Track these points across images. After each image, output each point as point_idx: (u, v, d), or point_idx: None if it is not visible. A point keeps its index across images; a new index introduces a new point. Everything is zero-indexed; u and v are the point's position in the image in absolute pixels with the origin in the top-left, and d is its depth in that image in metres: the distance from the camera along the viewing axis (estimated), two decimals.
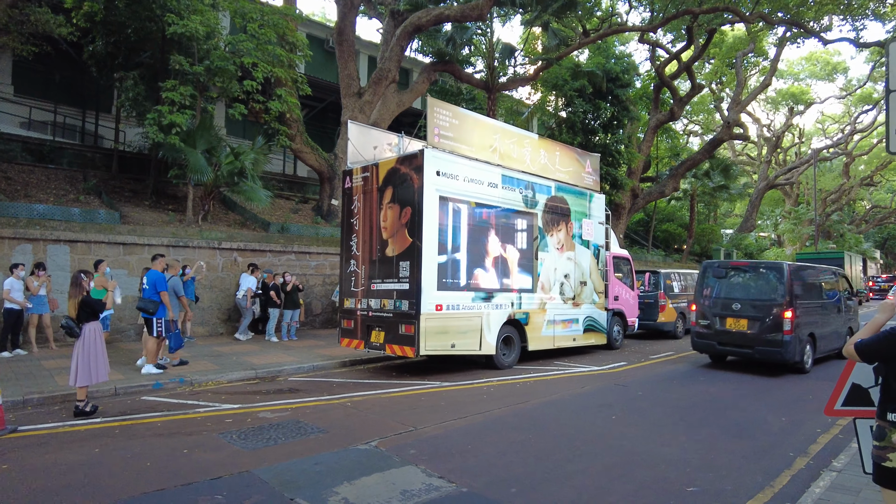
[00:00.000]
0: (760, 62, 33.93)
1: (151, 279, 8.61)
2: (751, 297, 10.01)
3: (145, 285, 8.67)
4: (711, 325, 10.22)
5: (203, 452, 5.22)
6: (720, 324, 10.09)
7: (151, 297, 8.54)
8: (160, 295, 8.58)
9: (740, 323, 9.84)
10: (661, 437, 5.83)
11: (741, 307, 9.90)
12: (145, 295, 8.60)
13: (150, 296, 8.56)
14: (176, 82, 13.06)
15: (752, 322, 9.67)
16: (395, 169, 9.02)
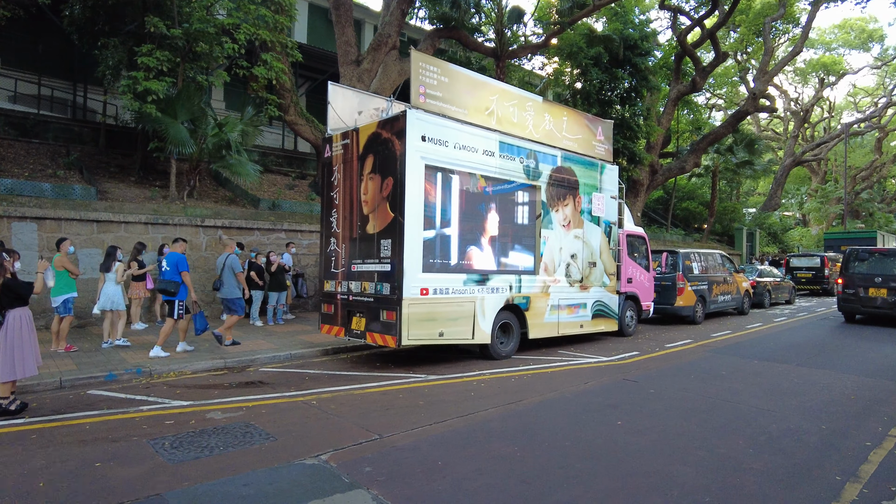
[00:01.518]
0: (791, 29, 31.86)
1: (172, 260, 8.51)
2: (887, 272, 13.90)
3: (166, 266, 8.55)
4: (856, 294, 14.21)
5: (118, 466, 4.35)
6: (864, 293, 14.06)
7: (172, 278, 8.45)
8: (182, 276, 8.49)
9: (880, 291, 13.85)
10: (675, 451, 4.81)
11: (881, 280, 13.83)
12: (165, 276, 8.49)
13: (171, 277, 8.46)
14: (152, 46, 12.07)
15: (891, 291, 13.68)
16: (376, 134, 7.97)
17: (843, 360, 9.31)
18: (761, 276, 18.59)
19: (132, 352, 8.52)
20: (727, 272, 15.56)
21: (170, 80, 12.41)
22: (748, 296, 16.57)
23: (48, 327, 9.60)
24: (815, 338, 11.86)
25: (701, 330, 12.82)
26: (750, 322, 14.48)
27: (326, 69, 21.56)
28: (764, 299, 18.23)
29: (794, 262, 24.78)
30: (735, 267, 16.25)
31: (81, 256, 10.95)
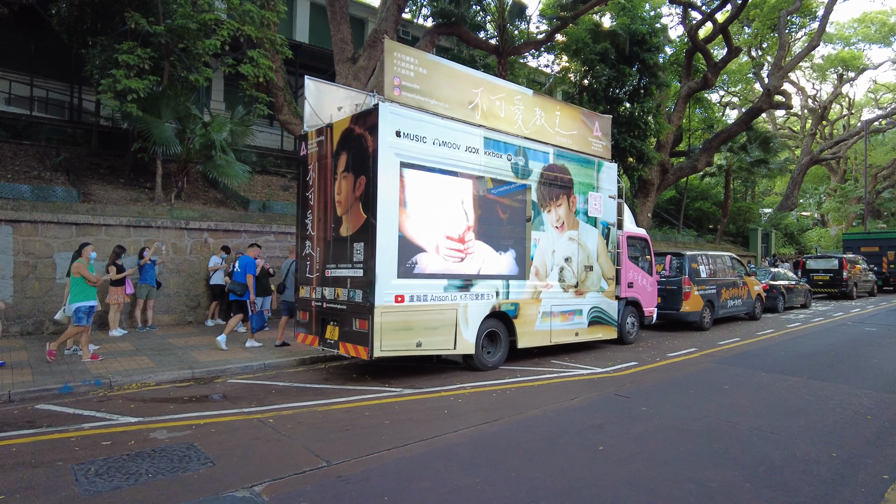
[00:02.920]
0: (807, 23, 30.83)
1: (243, 263, 9.38)
2: None
3: (237, 268, 9.43)
4: None
5: (23, 499, 3.87)
6: None
7: (241, 279, 9.30)
8: (246, 278, 9.30)
9: None
10: (659, 485, 4.22)
11: None
12: (236, 278, 9.39)
13: (240, 279, 9.32)
14: (133, 44, 11.70)
15: None
16: (349, 130, 7.46)
17: (860, 372, 8.60)
18: (774, 278, 17.77)
19: (98, 360, 8.08)
20: (737, 275, 14.82)
21: (154, 79, 12.02)
22: (760, 300, 15.80)
23: None
24: (830, 346, 11.11)
25: (708, 337, 12.12)
26: (761, 328, 13.73)
27: (328, 68, 21.10)
28: (777, 303, 17.42)
29: (811, 263, 23.82)
30: (746, 269, 15.49)
31: (59, 260, 10.59)
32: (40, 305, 10.44)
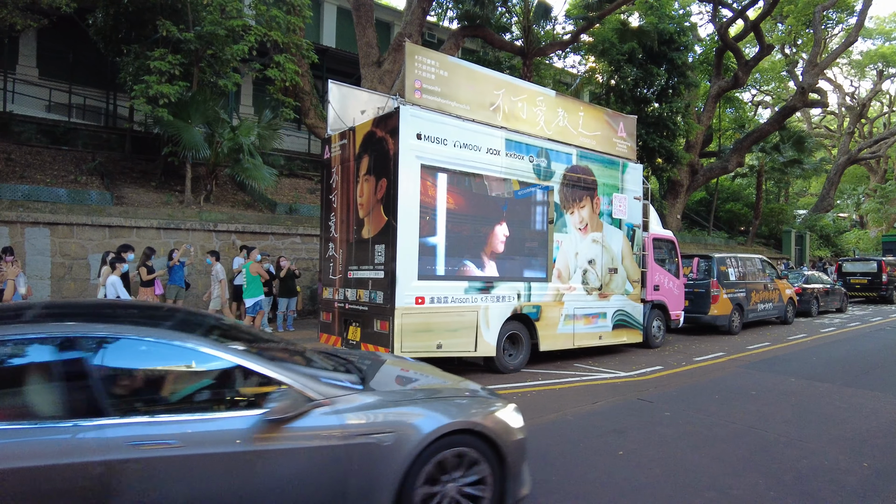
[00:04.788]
0: (844, 18, 29.89)
1: None
2: None
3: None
4: None
5: None
6: None
7: None
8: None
9: None
10: (678, 492, 4.14)
11: None
12: None
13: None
14: (165, 51, 12.03)
15: None
16: (371, 133, 7.53)
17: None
18: (808, 282, 17.26)
19: None
20: (768, 278, 14.44)
21: (184, 84, 12.33)
22: (792, 304, 15.35)
23: None
24: (865, 352, 10.74)
25: (736, 341, 11.83)
26: (793, 333, 13.34)
27: (354, 72, 21.35)
28: (811, 307, 16.90)
29: (848, 266, 23.05)
30: (777, 272, 15.09)
31: (93, 262, 10.94)
32: None
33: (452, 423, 3.17)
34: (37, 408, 2.54)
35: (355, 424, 2.94)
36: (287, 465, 2.76)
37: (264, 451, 2.72)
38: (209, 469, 2.62)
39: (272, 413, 2.73)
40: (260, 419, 2.73)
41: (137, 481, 2.47)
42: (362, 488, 2.90)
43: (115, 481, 2.42)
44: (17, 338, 2.64)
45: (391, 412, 3.10)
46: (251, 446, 2.69)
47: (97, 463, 2.40)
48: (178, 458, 2.54)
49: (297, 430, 2.79)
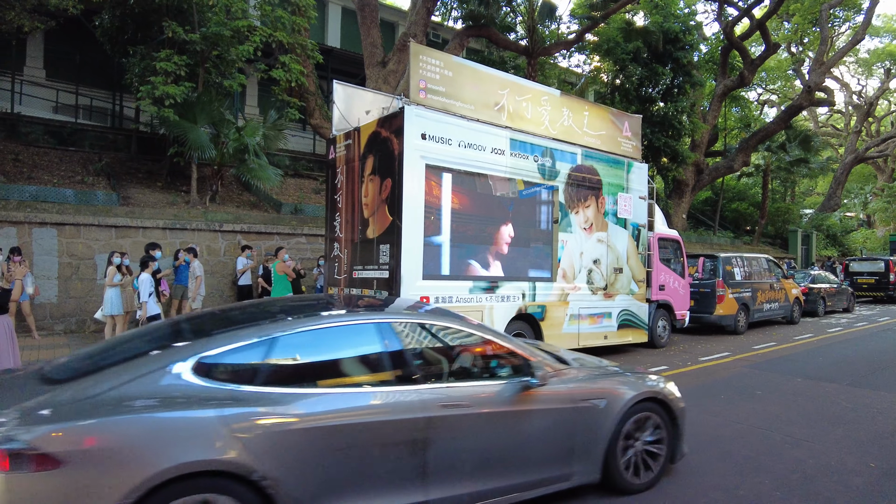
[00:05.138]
0: (851, 17, 29.70)
1: None
2: None
3: None
4: None
5: None
6: None
7: None
8: None
9: None
10: (684, 492, 4.13)
11: None
12: None
13: None
14: (170, 52, 12.08)
15: None
16: (375, 133, 7.55)
17: None
18: (814, 281, 17.17)
19: None
20: (774, 278, 14.38)
21: (189, 85, 12.38)
22: (798, 303, 15.29)
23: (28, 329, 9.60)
24: (873, 352, 10.68)
25: (742, 341, 11.79)
26: (799, 333, 13.28)
27: (359, 72, 21.38)
28: (817, 307, 16.82)
29: (855, 266, 22.93)
30: (783, 272, 15.02)
31: (99, 262, 11.00)
32: (82, 305, 10.86)
33: (646, 391, 4.10)
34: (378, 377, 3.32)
35: (579, 391, 3.84)
36: (538, 420, 3.61)
37: (523, 411, 3.56)
38: (487, 423, 3.40)
39: (535, 381, 3.60)
40: (521, 386, 3.57)
41: (445, 431, 3.24)
42: (585, 441, 3.78)
43: (431, 432, 3.18)
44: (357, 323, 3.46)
45: (600, 383, 4.03)
46: (515, 406, 3.52)
47: (421, 419, 3.17)
48: (469, 415, 3.33)
49: (545, 394, 3.65)
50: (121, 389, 2.71)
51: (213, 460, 2.65)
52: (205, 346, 2.99)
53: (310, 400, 2.98)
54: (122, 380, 2.76)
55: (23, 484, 2.38)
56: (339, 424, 2.98)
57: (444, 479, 3.23)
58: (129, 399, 2.68)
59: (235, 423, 2.74)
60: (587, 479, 3.81)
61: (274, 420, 2.83)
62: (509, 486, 3.46)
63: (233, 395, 2.84)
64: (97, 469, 2.49)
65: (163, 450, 2.59)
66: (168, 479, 2.56)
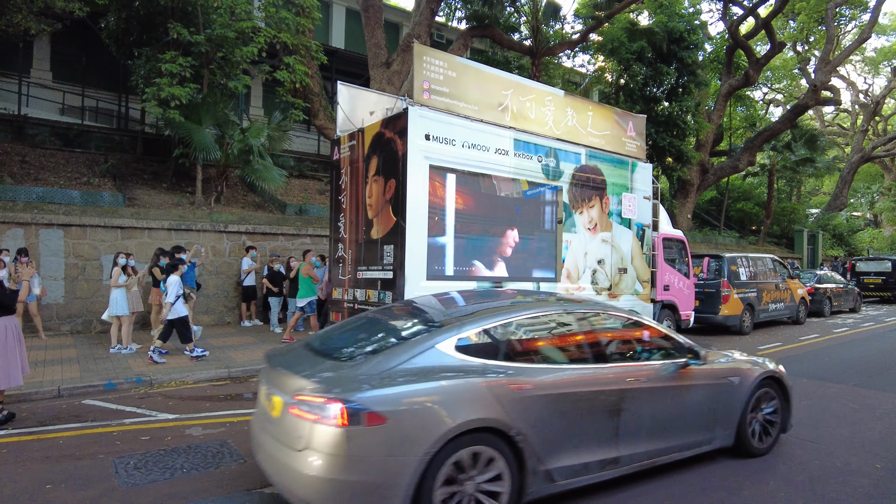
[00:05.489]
0: (858, 15, 29.54)
1: None
2: None
3: None
4: None
5: (67, 489, 4.07)
6: None
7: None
8: None
9: None
10: (689, 493, 4.12)
11: None
12: None
13: None
14: (175, 53, 12.14)
15: None
16: (379, 134, 7.56)
17: None
18: (820, 281, 17.09)
19: (140, 359, 8.41)
20: (779, 278, 14.32)
21: (194, 87, 12.43)
22: (804, 303, 15.21)
23: (35, 329, 9.65)
24: (880, 352, 10.62)
25: (747, 342, 11.74)
26: (805, 333, 13.21)
27: (363, 73, 21.44)
28: (823, 307, 16.73)
29: (861, 266, 22.79)
30: (789, 272, 14.95)
31: (105, 263, 11.06)
32: (88, 305, 10.92)
33: (768, 371, 4.97)
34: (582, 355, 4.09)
35: (721, 370, 4.68)
36: (694, 393, 4.42)
37: (684, 385, 4.35)
38: (658, 395, 4.18)
39: (699, 361, 4.43)
40: (683, 364, 4.36)
41: (631, 401, 4.00)
42: (724, 411, 4.62)
43: (622, 401, 3.95)
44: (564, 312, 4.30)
45: (732, 363, 4.83)
46: (678, 382, 4.31)
47: (615, 390, 3.93)
48: (648, 388, 4.11)
49: (699, 372, 4.46)
50: (408, 364, 3.38)
51: (487, 418, 3.33)
52: (460, 329, 3.67)
53: (540, 373, 3.70)
54: (406, 356, 3.43)
55: (358, 435, 3.07)
56: (562, 393, 3.69)
57: (630, 439, 3.97)
58: (418, 371, 3.35)
59: (496, 390, 3.42)
60: (724, 443, 4.65)
61: (519, 387, 3.52)
62: (673, 446, 4.26)
63: (485, 368, 3.52)
64: (410, 424, 3.17)
65: (452, 410, 3.26)
66: (458, 433, 3.23)
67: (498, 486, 3.40)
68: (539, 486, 3.55)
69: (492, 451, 3.37)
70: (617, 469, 3.94)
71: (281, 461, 3.28)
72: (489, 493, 3.37)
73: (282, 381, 3.51)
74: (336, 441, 3.05)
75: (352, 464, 3.06)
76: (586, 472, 3.77)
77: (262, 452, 3.57)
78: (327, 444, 3.06)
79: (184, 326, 8.47)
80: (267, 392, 3.64)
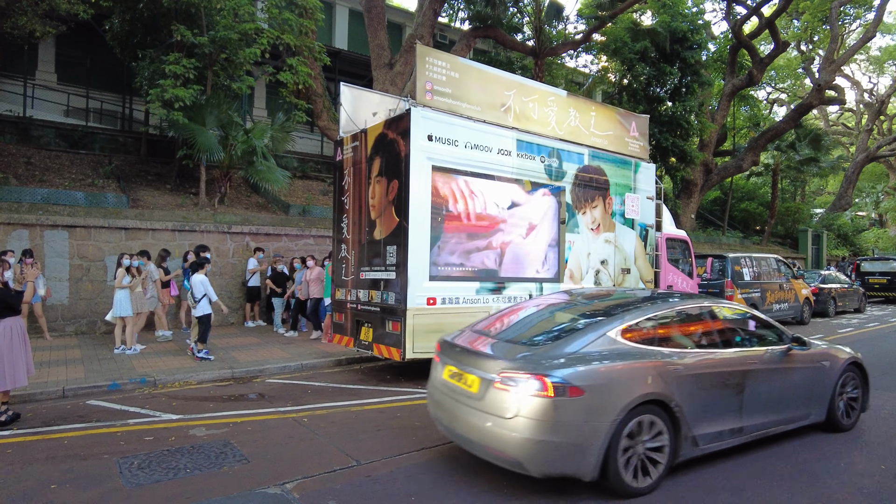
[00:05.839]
0: (862, 14, 29.41)
1: None
2: None
3: None
4: None
5: (72, 489, 4.09)
6: None
7: None
8: None
9: None
10: (693, 493, 4.11)
11: None
12: None
13: None
14: (179, 55, 12.18)
15: None
16: (382, 135, 7.58)
17: None
18: (824, 281, 17.02)
19: (144, 360, 8.45)
20: (783, 278, 14.27)
21: (198, 88, 12.47)
22: (809, 304, 15.15)
23: (43, 330, 9.70)
24: (884, 353, 10.58)
25: None
26: (809, 333, 13.06)
27: (366, 74, 21.47)
28: (828, 308, 16.66)
29: (866, 266, 22.69)
30: (793, 272, 14.90)
31: (109, 264, 11.10)
32: (93, 306, 10.96)
33: (852, 356, 5.73)
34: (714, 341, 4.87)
35: (817, 354, 5.41)
36: (796, 375, 5.14)
37: (790, 367, 5.09)
38: (771, 375, 4.92)
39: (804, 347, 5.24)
40: (789, 349, 5.12)
41: (751, 379, 4.73)
42: (818, 391, 5.35)
43: (745, 379, 4.70)
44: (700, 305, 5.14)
45: (825, 349, 5.59)
46: (786, 364, 5.06)
47: (739, 371, 4.68)
48: (763, 369, 4.85)
49: (800, 356, 5.21)
50: (588, 347, 4.10)
51: (656, 392, 4.06)
52: (623, 320, 4.39)
53: (687, 356, 4.44)
54: (586, 341, 4.16)
55: (563, 405, 3.78)
56: (703, 372, 4.42)
57: (750, 412, 4.71)
58: (597, 354, 4.08)
59: (660, 369, 4.16)
60: (817, 419, 5.37)
61: (674, 367, 4.25)
62: (780, 419, 5.01)
63: (648, 352, 4.26)
64: (602, 396, 3.89)
65: (632, 385, 4.01)
66: (636, 404, 3.97)
67: (660, 448, 4.13)
68: (687, 449, 4.29)
69: (657, 420, 4.10)
70: (741, 437, 4.71)
71: (486, 428, 3.95)
72: (653, 454, 4.10)
73: (477, 362, 4.24)
74: (545, 409, 3.75)
75: (557, 427, 3.76)
76: (720, 439, 4.53)
77: (457, 423, 4.25)
78: (537, 412, 3.76)
79: (205, 325, 8.59)
80: (457, 372, 4.38)
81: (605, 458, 3.83)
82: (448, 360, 4.58)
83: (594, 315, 4.64)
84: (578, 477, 3.85)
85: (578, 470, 3.83)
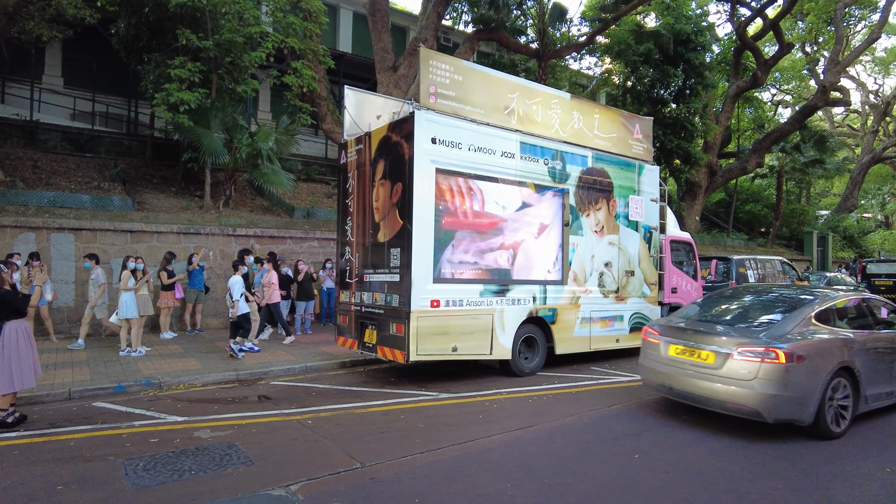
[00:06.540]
0: (867, 15, 29.30)
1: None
2: None
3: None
4: None
5: (78, 490, 4.11)
6: None
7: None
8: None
9: None
10: (697, 495, 4.11)
11: None
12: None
13: None
14: (184, 59, 12.26)
15: None
16: (386, 138, 7.60)
17: None
18: (830, 284, 16.94)
19: (149, 362, 8.48)
20: (788, 280, 14.22)
21: (203, 91, 12.55)
22: None
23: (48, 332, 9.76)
24: None
25: None
26: None
27: (370, 77, 21.47)
28: None
29: (872, 268, 22.54)
30: (798, 274, 14.85)
31: (115, 266, 11.14)
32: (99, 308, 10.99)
33: None
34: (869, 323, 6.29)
35: None
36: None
37: None
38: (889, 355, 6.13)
39: None
40: None
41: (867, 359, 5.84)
42: None
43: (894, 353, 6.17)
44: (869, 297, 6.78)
45: None
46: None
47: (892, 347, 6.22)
48: (883, 348, 6.09)
49: None
50: (797, 329, 5.56)
51: (845, 360, 5.53)
52: (813, 307, 5.88)
53: (860, 334, 5.90)
54: (794, 322, 5.64)
55: (792, 369, 5.18)
56: (870, 347, 5.89)
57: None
58: (807, 332, 5.56)
59: (847, 343, 5.66)
60: None
61: (853, 342, 5.71)
62: None
63: (835, 331, 5.76)
64: (817, 362, 5.35)
65: (832, 355, 5.48)
66: (836, 369, 5.44)
67: (845, 405, 5.54)
68: (861, 405, 5.72)
69: (846, 381, 5.53)
70: (890, 400, 6.15)
71: (725, 390, 5.36)
72: (841, 410, 5.51)
73: (709, 340, 5.65)
74: (780, 372, 5.14)
75: (788, 385, 5.14)
76: (878, 400, 5.95)
77: (691, 386, 5.66)
78: (773, 374, 5.15)
79: (246, 322, 9.01)
80: (688, 348, 5.79)
81: (818, 409, 5.22)
82: (672, 339, 5.98)
83: (793, 300, 6.18)
84: (799, 422, 5.26)
85: (800, 417, 5.21)
